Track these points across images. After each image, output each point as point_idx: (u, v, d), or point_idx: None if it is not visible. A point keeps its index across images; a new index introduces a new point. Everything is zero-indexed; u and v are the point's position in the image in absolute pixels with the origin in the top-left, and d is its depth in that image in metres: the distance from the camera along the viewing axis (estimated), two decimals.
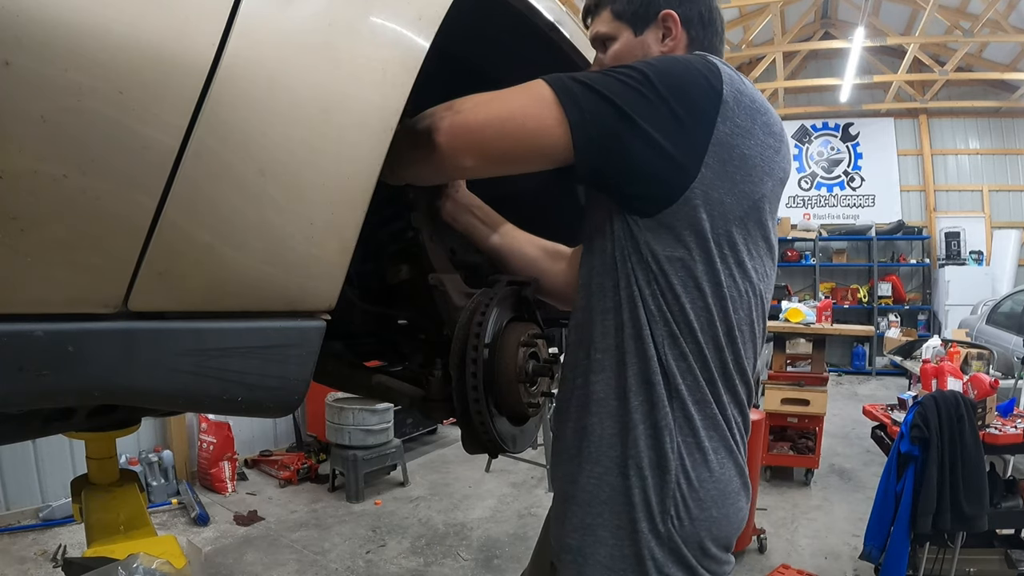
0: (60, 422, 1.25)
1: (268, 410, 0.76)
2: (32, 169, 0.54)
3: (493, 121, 0.92)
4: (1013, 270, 9.10)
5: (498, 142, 0.94)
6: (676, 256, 0.93)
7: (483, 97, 0.94)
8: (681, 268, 0.93)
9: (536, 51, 1.23)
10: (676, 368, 0.94)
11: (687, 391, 0.94)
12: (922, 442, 2.65)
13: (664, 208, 0.92)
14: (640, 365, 0.95)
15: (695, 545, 0.94)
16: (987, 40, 8.14)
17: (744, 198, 0.95)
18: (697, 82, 0.92)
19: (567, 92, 0.90)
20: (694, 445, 0.94)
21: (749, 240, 0.97)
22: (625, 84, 0.89)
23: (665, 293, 0.94)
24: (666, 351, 0.94)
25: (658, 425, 0.94)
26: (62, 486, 3.77)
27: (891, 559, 2.68)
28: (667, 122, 0.89)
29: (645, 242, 0.94)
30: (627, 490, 0.94)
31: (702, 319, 0.94)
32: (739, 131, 0.93)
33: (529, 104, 0.91)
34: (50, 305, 0.58)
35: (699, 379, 0.95)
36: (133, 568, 1.47)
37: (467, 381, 1.02)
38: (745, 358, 1.00)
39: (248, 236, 0.68)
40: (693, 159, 0.90)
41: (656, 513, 0.93)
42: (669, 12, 1.09)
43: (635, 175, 0.93)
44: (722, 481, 0.96)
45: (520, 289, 1.16)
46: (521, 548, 3.61)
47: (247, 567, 3.34)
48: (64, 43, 0.53)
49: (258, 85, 0.66)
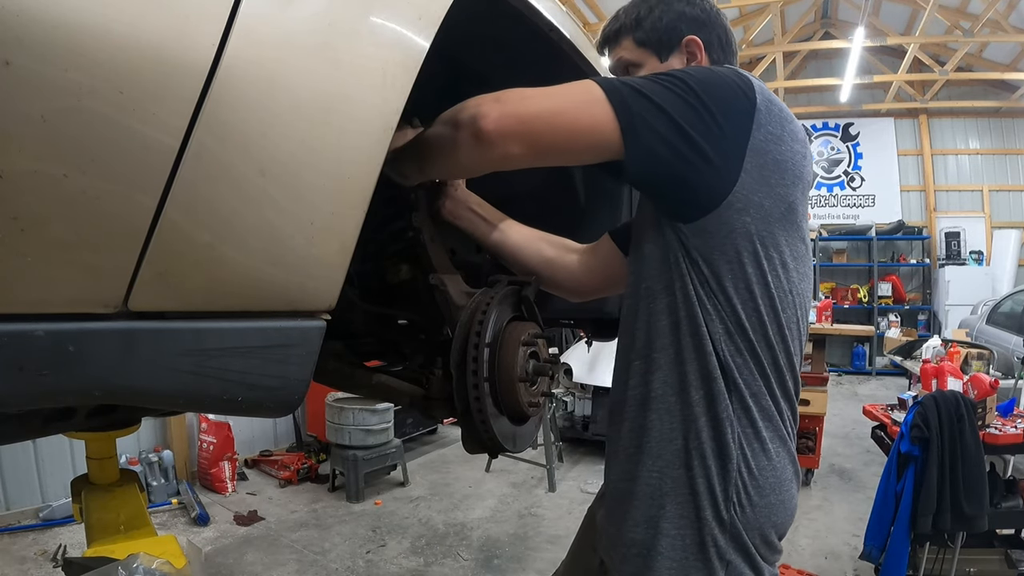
0: (60, 422, 1.25)
1: (268, 410, 0.76)
2: (32, 169, 0.54)
3: (544, 114, 0.94)
4: (1013, 270, 9.10)
5: (549, 135, 0.96)
6: (725, 259, 0.97)
7: (531, 91, 0.95)
8: (730, 271, 0.97)
9: (536, 52, 1.23)
10: (733, 363, 0.98)
11: (744, 384, 0.98)
12: (922, 442, 2.65)
13: (709, 212, 0.96)
14: (700, 361, 0.98)
15: (755, 532, 0.98)
16: (987, 40, 8.14)
17: (780, 201, 0.98)
18: (734, 92, 0.95)
19: (617, 93, 0.92)
20: (752, 435, 0.98)
21: (789, 241, 1.00)
22: (671, 91, 0.92)
23: (717, 295, 0.97)
24: (723, 347, 0.98)
25: (719, 417, 0.97)
26: (62, 486, 3.77)
27: (891, 559, 2.68)
28: (710, 129, 0.92)
29: (694, 246, 0.98)
30: (691, 480, 0.98)
31: (753, 319, 0.98)
32: (772, 137, 0.96)
33: (581, 101, 0.93)
34: (50, 305, 0.58)
35: (754, 373, 0.99)
36: (133, 568, 1.47)
37: (468, 380, 1.02)
38: (793, 353, 1.04)
39: (248, 236, 0.68)
40: (734, 165, 0.94)
41: (720, 501, 0.96)
42: (693, 38, 1.14)
43: (681, 179, 0.96)
44: (778, 469, 1.00)
45: (520, 289, 1.16)
46: (521, 548, 3.61)
47: (247, 567, 3.34)
48: (64, 43, 0.53)
49: (258, 85, 0.66)
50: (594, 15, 7.64)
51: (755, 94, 0.96)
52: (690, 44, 1.14)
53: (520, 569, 3.38)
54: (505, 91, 0.95)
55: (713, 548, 0.96)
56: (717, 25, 1.17)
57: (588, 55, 1.31)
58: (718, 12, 1.18)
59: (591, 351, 5.16)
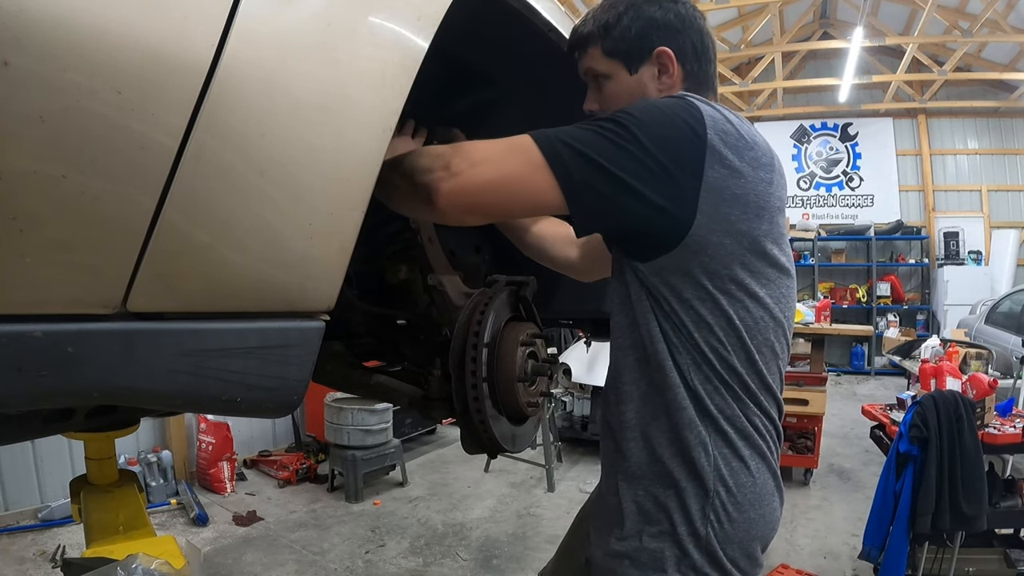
0: (59, 422, 1.25)
1: (267, 410, 0.76)
2: (31, 169, 0.54)
3: (489, 186, 0.95)
4: (1012, 270, 9.10)
5: (496, 206, 1.00)
6: (684, 296, 0.98)
7: (477, 155, 0.96)
8: (689, 307, 0.98)
9: (535, 52, 1.23)
10: (703, 390, 1.00)
11: (717, 409, 1.00)
12: (921, 442, 2.65)
13: (665, 253, 0.97)
14: (668, 393, 1.00)
15: (735, 546, 1.00)
16: (986, 40, 8.15)
17: (742, 236, 0.97)
18: (683, 132, 0.93)
19: (557, 157, 0.92)
20: (731, 455, 1.00)
21: (756, 274, 1.00)
22: (612, 143, 0.91)
23: (680, 329, 0.99)
24: (692, 376, 1.00)
25: (690, 443, 0.99)
26: (61, 486, 3.77)
27: (890, 559, 2.68)
28: (656, 176, 0.92)
29: (653, 284, 1.00)
30: (670, 501, 1.01)
31: (720, 350, 0.99)
32: (728, 173, 0.94)
33: (522, 170, 0.94)
34: (49, 306, 0.58)
35: (727, 398, 1.00)
36: (132, 568, 1.47)
37: (466, 380, 1.02)
38: (769, 375, 1.04)
39: (247, 237, 0.68)
40: (686, 208, 0.93)
41: (696, 519, 0.99)
42: (664, 49, 1.08)
43: (631, 230, 0.98)
44: (759, 484, 1.03)
45: (519, 289, 1.16)
46: (520, 548, 3.61)
47: (246, 567, 3.34)
48: (63, 43, 0.53)
49: (257, 86, 0.66)
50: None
51: (705, 130, 0.93)
52: (661, 56, 1.08)
53: (519, 569, 3.38)
54: (457, 152, 0.96)
55: (688, 562, 0.99)
56: (692, 30, 1.10)
57: None
58: (694, 16, 1.11)
59: (590, 351, 5.16)
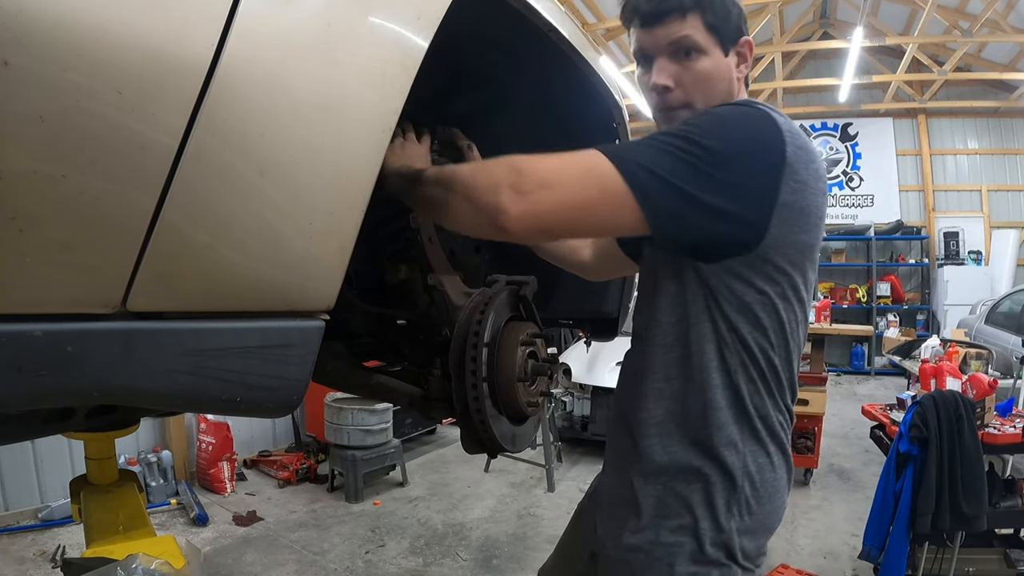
0: (59, 422, 1.25)
1: (267, 410, 0.76)
2: (31, 169, 0.54)
3: (564, 209, 0.91)
4: (1012, 270, 9.10)
5: (569, 227, 0.97)
6: (745, 300, 0.98)
7: (546, 174, 0.90)
8: (748, 310, 0.99)
9: (535, 52, 1.23)
10: (746, 390, 1.01)
11: (753, 408, 1.01)
12: (921, 442, 2.65)
13: (731, 257, 0.97)
14: (706, 394, 1.01)
15: (749, 537, 1.01)
16: (986, 40, 8.14)
17: (803, 247, 0.99)
18: (762, 148, 0.93)
19: (640, 186, 0.89)
20: (760, 451, 1.02)
21: (807, 280, 1.03)
22: (696, 168, 0.89)
23: (734, 330, 0.99)
24: (738, 376, 1.00)
25: (721, 441, 1.00)
26: (61, 486, 3.77)
27: (890, 559, 2.68)
28: (737, 193, 0.91)
29: (714, 285, 0.99)
30: (691, 496, 1.01)
31: (767, 351, 1.01)
32: (799, 187, 0.95)
33: (600, 195, 0.90)
34: (49, 305, 0.58)
35: (763, 397, 1.02)
36: (132, 568, 1.47)
37: (467, 380, 1.02)
38: (795, 369, 1.08)
39: (247, 236, 0.68)
40: (761, 222, 0.94)
41: (721, 514, 1.00)
42: (749, 40, 1.08)
43: (709, 243, 0.97)
44: (779, 476, 1.05)
45: (519, 289, 1.16)
46: (520, 548, 3.61)
47: (246, 567, 3.34)
48: (63, 43, 0.53)
49: (257, 85, 0.66)
50: (593, 15, 7.64)
51: (784, 147, 0.93)
52: (744, 46, 1.08)
53: (519, 569, 3.38)
54: (522, 171, 0.89)
55: (703, 555, 0.99)
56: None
57: (587, 55, 1.31)
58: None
59: (590, 351, 5.16)
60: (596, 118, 1.50)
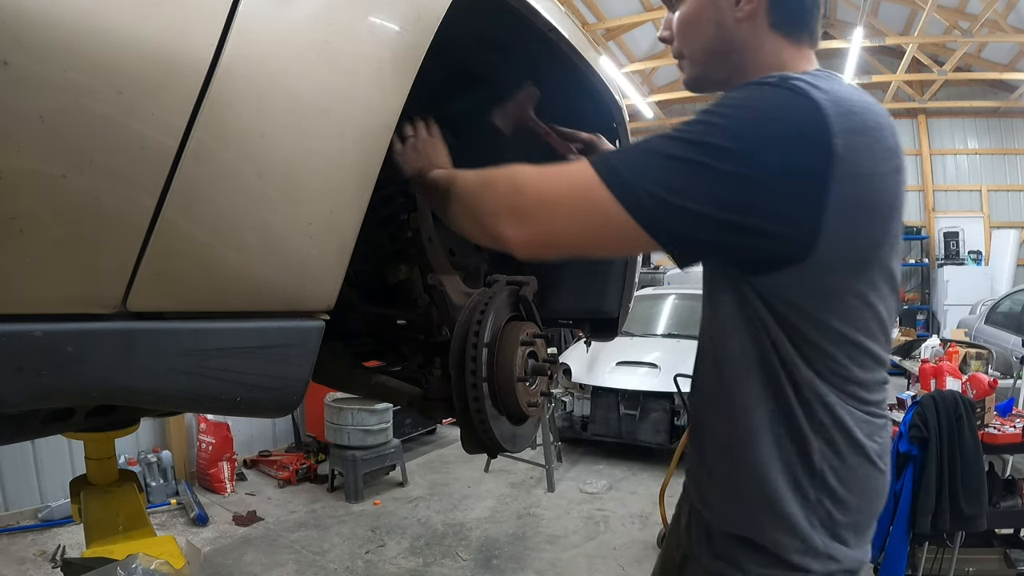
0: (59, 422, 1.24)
1: (267, 410, 0.76)
2: (31, 169, 0.54)
3: (568, 236, 0.85)
4: (1012, 270, 9.11)
5: (581, 250, 0.91)
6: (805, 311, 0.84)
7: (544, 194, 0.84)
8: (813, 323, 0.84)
9: (535, 52, 1.23)
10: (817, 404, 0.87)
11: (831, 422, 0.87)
12: (921, 442, 2.65)
13: (781, 270, 0.82)
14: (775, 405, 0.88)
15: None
16: (986, 40, 8.15)
17: (874, 244, 0.83)
18: (795, 143, 0.75)
19: (644, 213, 0.78)
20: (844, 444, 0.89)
21: (874, 289, 0.86)
22: (706, 180, 0.75)
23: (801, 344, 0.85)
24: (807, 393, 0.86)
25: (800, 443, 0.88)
26: (61, 487, 3.77)
27: (890, 559, 2.68)
28: (772, 207, 0.76)
29: (768, 300, 0.85)
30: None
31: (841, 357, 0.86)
32: (858, 180, 0.77)
33: (606, 224, 0.81)
34: (49, 305, 0.58)
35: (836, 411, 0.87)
36: (132, 568, 1.47)
37: (467, 380, 1.02)
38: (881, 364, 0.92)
39: (247, 236, 0.68)
40: (807, 229, 0.77)
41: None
42: None
43: (744, 260, 0.85)
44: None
45: (519, 289, 1.16)
46: (520, 548, 3.61)
47: (246, 567, 3.34)
48: (63, 43, 0.53)
49: (257, 85, 0.66)
50: (593, 15, 7.64)
51: (829, 136, 0.74)
52: None
53: (519, 569, 3.38)
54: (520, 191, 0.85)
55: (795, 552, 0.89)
56: None
57: (587, 55, 1.31)
58: None
59: (590, 351, 5.16)
60: (596, 118, 1.50)
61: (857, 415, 0.89)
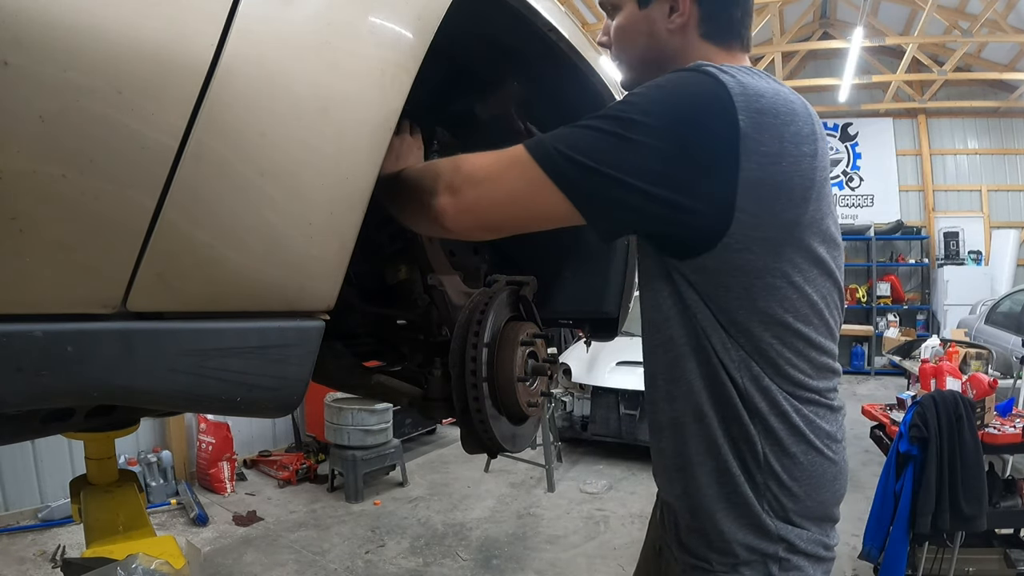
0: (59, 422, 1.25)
1: (267, 410, 0.76)
2: (31, 169, 0.54)
3: (496, 205, 0.90)
4: (1012, 270, 9.11)
5: (507, 221, 0.94)
6: (732, 294, 0.87)
7: (478, 172, 0.89)
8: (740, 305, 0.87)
9: (535, 52, 1.23)
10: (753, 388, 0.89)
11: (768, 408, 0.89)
12: (921, 442, 2.65)
13: (703, 253, 0.85)
14: (713, 389, 0.91)
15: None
16: (986, 40, 8.15)
17: (792, 225, 0.85)
18: (704, 122, 0.80)
19: (558, 172, 0.84)
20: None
21: (798, 271, 0.87)
22: (618, 145, 0.81)
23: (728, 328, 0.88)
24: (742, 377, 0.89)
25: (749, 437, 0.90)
26: (61, 487, 3.77)
27: (890, 559, 2.68)
28: (676, 178, 0.80)
29: (695, 282, 0.89)
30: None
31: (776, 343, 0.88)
32: (767, 160, 0.81)
33: (527, 187, 0.86)
34: (49, 305, 0.58)
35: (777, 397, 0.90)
36: (132, 568, 1.47)
37: (467, 380, 1.02)
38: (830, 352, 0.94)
39: (247, 236, 0.68)
40: (722, 206, 0.81)
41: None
42: None
43: (661, 236, 0.90)
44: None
45: (519, 288, 1.16)
46: (520, 548, 3.61)
47: (246, 567, 3.34)
48: (63, 43, 0.53)
49: (257, 85, 0.66)
50: (593, 15, 7.64)
51: (735, 116, 0.79)
52: None
53: (519, 569, 3.38)
54: (457, 170, 0.90)
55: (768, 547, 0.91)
56: None
57: (587, 55, 1.31)
58: None
59: (590, 351, 5.16)
60: None
61: (795, 402, 0.90)
